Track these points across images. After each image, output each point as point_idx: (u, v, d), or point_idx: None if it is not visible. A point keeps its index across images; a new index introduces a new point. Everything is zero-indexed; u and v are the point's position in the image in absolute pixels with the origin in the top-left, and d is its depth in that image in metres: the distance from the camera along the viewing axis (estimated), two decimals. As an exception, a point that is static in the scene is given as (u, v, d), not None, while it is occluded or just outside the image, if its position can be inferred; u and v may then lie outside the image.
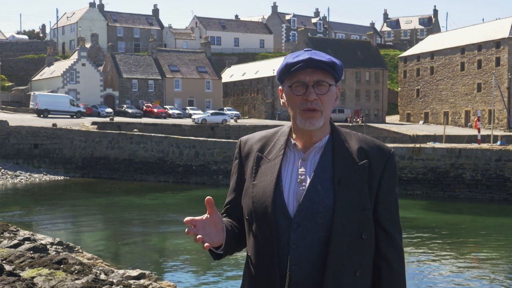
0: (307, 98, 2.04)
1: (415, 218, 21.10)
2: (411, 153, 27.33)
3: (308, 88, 2.05)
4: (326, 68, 2.05)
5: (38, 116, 48.99)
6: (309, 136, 2.10)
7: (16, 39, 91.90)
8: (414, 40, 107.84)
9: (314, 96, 2.04)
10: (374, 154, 2.10)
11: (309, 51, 2.09)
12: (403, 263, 2.15)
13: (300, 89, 2.07)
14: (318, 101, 2.06)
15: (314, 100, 2.05)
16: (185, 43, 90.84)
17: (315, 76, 2.06)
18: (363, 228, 2.04)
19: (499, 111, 59.72)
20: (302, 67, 2.05)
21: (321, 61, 2.04)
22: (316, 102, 2.05)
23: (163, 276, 12.15)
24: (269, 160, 2.13)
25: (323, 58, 2.06)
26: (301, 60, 2.05)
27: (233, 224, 2.21)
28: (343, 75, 69.69)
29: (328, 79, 2.07)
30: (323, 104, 2.06)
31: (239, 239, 2.20)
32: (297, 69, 2.05)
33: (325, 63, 2.05)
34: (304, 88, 2.06)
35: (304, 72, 2.06)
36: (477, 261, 14.81)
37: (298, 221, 2.01)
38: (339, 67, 2.10)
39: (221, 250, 2.12)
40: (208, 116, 50.21)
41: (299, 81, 2.06)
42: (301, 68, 2.05)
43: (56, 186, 30.17)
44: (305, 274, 2.01)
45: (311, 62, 2.04)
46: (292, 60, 2.07)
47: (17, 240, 10.25)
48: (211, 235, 2.05)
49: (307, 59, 2.04)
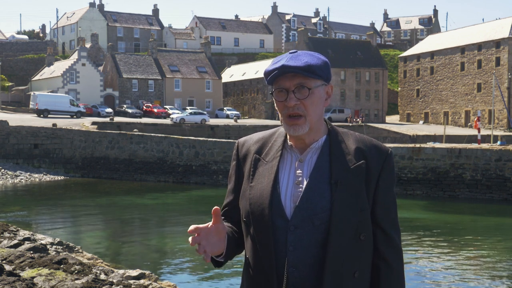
0: (287, 104, 2.02)
1: (415, 218, 21.10)
2: (411, 153, 27.32)
3: (288, 93, 2.03)
4: (301, 73, 2.00)
5: (38, 116, 48.99)
6: (301, 139, 2.10)
7: (16, 39, 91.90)
8: (414, 40, 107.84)
9: (294, 101, 2.02)
10: (372, 154, 2.09)
11: (292, 54, 2.06)
12: (402, 263, 2.14)
13: (282, 94, 2.04)
14: (301, 106, 2.03)
15: (294, 105, 2.02)
16: (185, 43, 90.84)
17: (295, 81, 2.02)
18: (361, 229, 2.04)
19: (499, 111, 59.72)
20: (277, 74, 2.03)
21: (295, 67, 2.00)
22: (298, 107, 2.03)
23: (163, 276, 12.15)
24: (267, 162, 2.13)
25: (298, 63, 2.01)
26: (275, 68, 2.03)
27: (232, 228, 2.21)
28: (343, 75, 69.31)
29: (309, 82, 2.03)
30: (306, 108, 2.03)
31: (238, 243, 2.20)
32: (273, 77, 2.03)
33: (299, 68, 2.00)
34: (285, 94, 2.03)
35: (284, 77, 2.03)
36: (477, 261, 14.80)
37: (295, 223, 2.01)
38: (319, 67, 2.04)
39: (222, 258, 2.12)
40: (187, 115, 49.54)
41: (279, 87, 2.04)
42: (277, 76, 2.03)
43: (56, 186, 30.17)
44: (302, 276, 2.00)
45: (284, 69, 2.01)
46: (270, 68, 2.05)
47: (17, 240, 10.25)
48: (213, 244, 2.03)
49: (280, 66, 2.01)
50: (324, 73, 2.06)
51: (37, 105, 50.12)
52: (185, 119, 48.33)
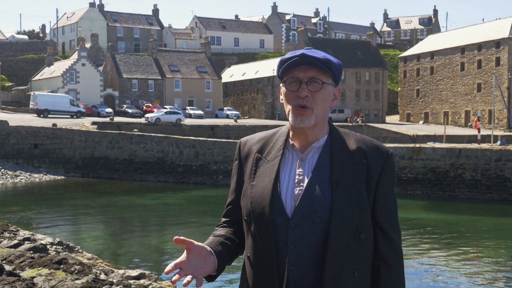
0: (299, 94, 2.05)
1: (415, 218, 21.10)
2: (411, 153, 27.32)
3: (301, 84, 2.05)
4: (319, 65, 2.04)
5: (38, 116, 49.00)
6: (304, 135, 2.11)
7: (16, 39, 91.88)
8: (414, 40, 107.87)
9: (306, 92, 2.05)
10: (373, 155, 2.10)
11: (308, 49, 2.10)
12: (402, 263, 2.15)
13: (294, 85, 2.07)
14: (310, 98, 2.05)
15: (306, 96, 2.05)
16: (185, 43, 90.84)
17: (309, 73, 2.05)
18: (361, 228, 2.04)
19: (499, 111, 59.72)
20: (295, 62, 2.05)
21: (314, 57, 2.04)
22: (307, 99, 2.05)
23: (163, 276, 12.14)
24: (268, 161, 2.14)
25: (318, 55, 2.05)
26: (295, 55, 2.06)
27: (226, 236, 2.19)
28: (343, 75, 69.86)
29: (323, 77, 2.07)
30: (315, 101, 2.06)
31: (236, 249, 2.20)
32: (291, 64, 2.06)
33: (318, 59, 2.04)
34: (298, 85, 2.06)
35: (299, 68, 2.06)
36: (477, 261, 14.80)
37: (295, 222, 2.02)
38: (335, 65, 2.08)
39: (214, 272, 2.10)
40: (162, 115, 49.00)
41: (293, 77, 2.07)
42: (294, 64, 2.06)
43: (56, 186, 30.18)
44: (303, 274, 2.01)
45: (304, 57, 2.04)
46: (287, 56, 2.08)
47: (17, 240, 10.25)
48: (201, 267, 2.01)
49: (300, 54, 2.05)
50: (337, 73, 2.11)
51: (37, 105, 50.12)
52: (161, 119, 47.79)
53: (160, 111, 52.01)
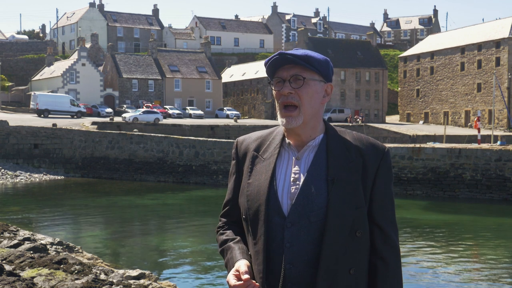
0: (281, 92, 2.08)
1: (415, 218, 21.10)
2: (411, 153, 27.32)
3: (285, 82, 2.09)
4: (299, 62, 2.06)
5: (38, 116, 48.99)
6: (297, 135, 2.12)
7: (16, 39, 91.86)
8: (414, 40, 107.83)
9: (288, 89, 2.08)
10: (369, 152, 2.11)
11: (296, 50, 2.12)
12: (399, 261, 2.15)
13: (279, 84, 2.11)
14: (295, 95, 2.08)
15: (288, 93, 2.07)
16: (185, 43, 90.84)
17: (292, 71, 2.08)
18: (357, 226, 2.05)
19: (499, 111, 59.72)
20: (276, 61, 2.09)
21: (293, 55, 2.07)
22: (292, 96, 2.08)
23: (163, 276, 12.15)
24: (264, 159, 2.15)
25: (297, 53, 2.08)
26: (274, 55, 2.10)
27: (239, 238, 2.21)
28: (343, 75, 69.22)
29: (306, 73, 2.09)
30: (300, 98, 2.08)
31: None
32: (273, 64, 2.10)
33: (297, 56, 2.07)
34: (282, 84, 2.10)
35: (282, 68, 2.10)
36: (477, 261, 14.81)
37: (292, 220, 2.03)
38: (318, 61, 2.10)
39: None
40: (139, 114, 48.16)
41: (277, 77, 2.11)
42: (276, 64, 2.10)
43: (56, 186, 30.18)
44: (299, 272, 2.02)
45: (281, 55, 2.08)
46: (268, 57, 2.13)
47: (17, 240, 10.26)
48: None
49: (278, 53, 2.09)
50: (323, 69, 2.11)
51: (37, 105, 50.11)
52: (138, 118, 46.98)
53: (137, 111, 51.26)
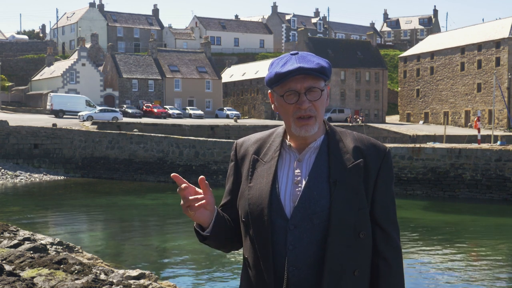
0: (301, 107, 2.03)
1: (415, 218, 21.09)
2: (411, 153, 27.32)
3: (300, 96, 2.03)
4: (316, 75, 2.02)
5: (55, 116, 48.93)
6: (304, 139, 2.10)
7: (16, 39, 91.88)
8: (414, 40, 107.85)
9: (307, 104, 2.02)
10: (370, 153, 2.10)
11: (296, 56, 2.06)
12: (401, 261, 2.15)
13: (293, 97, 2.04)
14: (312, 107, 2.04)
15: (308, 107, 2.03)
16: (185, 43, 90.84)
17: (306, 83, 2.03)
18: (360, 228, 2.04)
19: (499, 111, 59.73)
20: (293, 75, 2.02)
21: (311, 69, 2.01)
22: (310, 109, 2.04)
23: (163, 276, 12.15)
24: (265, 162, 2.13)
25: (312, 65, 2.02)
26: (291, 70, 2.01)
27: (228, 219, 2.20)
28: (343, 75, 69.31)
29: (319, 83, 2.05)
30: (317, 109, 2.05)
31: (230, 235, 2.18)
32: (284, 78, 2.02)
33: (315, 70, 2.01)
34: (296, 96, 2.03)
35: (294, 79, 2.03)
36: (477, 261, 14.81)
37: (294, 222, 2.02)
38: (328, 69, 2.07)
39: (207, 232, 2.10)
40: (95, 113, 46.14)
41: (290, 90, 2.03)
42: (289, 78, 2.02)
43: (56, 186, 30.17)
44: (303, 275, 2.01)
45: (301, 71, 2.01)
46: (282, 70, 2.03)
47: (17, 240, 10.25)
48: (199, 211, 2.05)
49: (297, 68, 2.00)
50: (329, 75, 2.10)
51: (52, 105, 50.21)
52: (93, 117, 44.79)
53: (94, 109, 49.26)
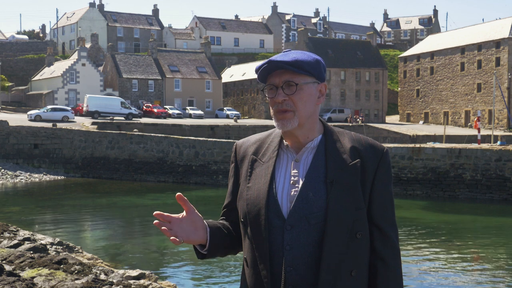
0: (275, 100, 2.06)
1: (415, 218, 21.09)
2: (411, 153, 27.32)
3: (277, 89, 2.06)
4: (287, 68, 2.03)
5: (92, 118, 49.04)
6: (294, 137, 2.11)
7: (16, 39, 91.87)
8: (414, 40, 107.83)
9: (281, 97, 2.05)
10: (367, 153, 2.09)
11: (283, 52, 2.10)
12: (399, 262, 2.14)
13: (272, 91, 2.08)
14: (289, 102, 2.05)
15: (283, 101, 2.05)
16: (185, 43, 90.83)
17: (284, 77, 2.05)
18: (357, 228, 2.04)
19: (499, 111, 59.72)
20: (265, 69, 2.07)
21: (282, 61, 2.03)
22: (286, 103, 2.05)
23: (163, 276, 12.15)
24: (263, 162, 2.14)
25: (286, 58, 2.04)
26: (263, 63, 2.07)
27: (225, 226, 2.22)
28: (343, 75, 69.18)
29: (298, 78, 2.05)
30: (294, 104, 2.05)
31: (231, 241, 2.20)
32: (264, 72, 2.08)
33: (286, 62, 2.03)
34: (275, 90, 2.07)
35: (274, 74, 2.07)
36: (477, 261, 14.81)
37: (291, 223, 2.02)
38: (309, 63, 2.06)
39: (205, 250, 2.13)
40: (44, 112, 44.27)
41: (270, 84, 2.09)
42: (265, 72, 2.08)
43: (56, 186, 30.17)
44: (300, 275, 2.01)
45: (271, 63, 2.05)
46: (258, 65, 2.10)
47: (17, 240, 10.26)
48: (187, 232, 2.08)
49: (267, 61, 2.06)
50: (315, 71, 2.08)
51: (87, 107, 50.44)
52: (42, 116, 43.17)
53: (43, 108, 47.54)
